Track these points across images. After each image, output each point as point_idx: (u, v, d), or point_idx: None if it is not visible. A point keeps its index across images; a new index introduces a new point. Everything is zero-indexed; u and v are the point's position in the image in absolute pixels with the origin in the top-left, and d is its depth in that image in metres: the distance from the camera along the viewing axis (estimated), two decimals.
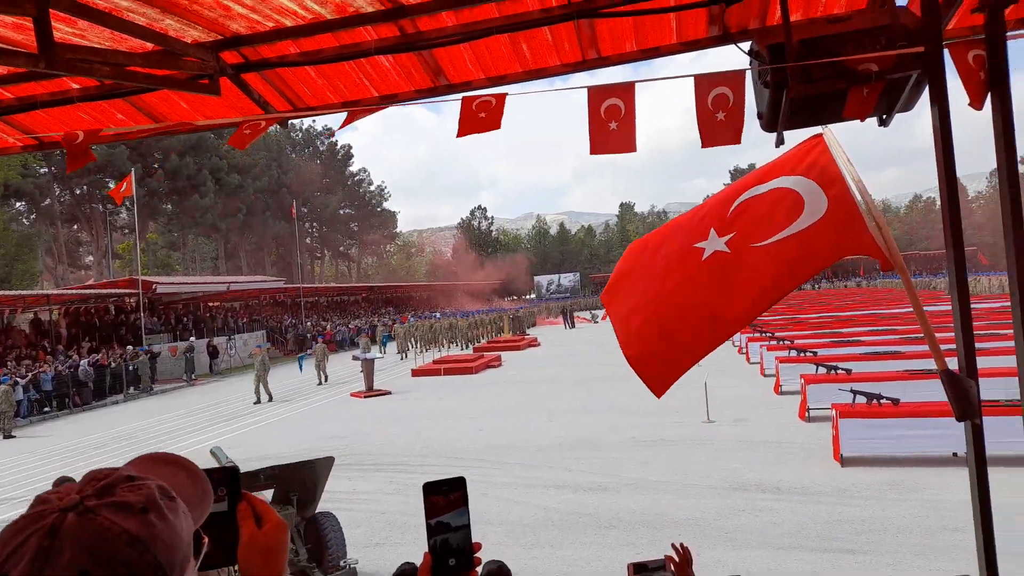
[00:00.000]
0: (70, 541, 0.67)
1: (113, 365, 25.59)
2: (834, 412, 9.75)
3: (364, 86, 3.28)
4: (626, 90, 2.84)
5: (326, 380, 24.17)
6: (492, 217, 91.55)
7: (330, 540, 6.44)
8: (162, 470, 0.82)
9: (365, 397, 19.72)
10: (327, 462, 6.58)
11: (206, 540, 0.85)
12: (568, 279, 76.12)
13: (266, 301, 47.16)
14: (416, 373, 24.18)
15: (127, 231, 57.80)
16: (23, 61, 2.11)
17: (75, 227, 57.75)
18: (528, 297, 74.45)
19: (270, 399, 20.49)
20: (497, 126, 2.91)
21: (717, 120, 2.78)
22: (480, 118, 2.89)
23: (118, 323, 31.90)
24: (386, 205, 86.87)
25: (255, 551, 1.01)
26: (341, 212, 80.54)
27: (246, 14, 2.64)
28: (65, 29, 2.47)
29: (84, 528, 0.68)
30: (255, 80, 3.12)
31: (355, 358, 24.94)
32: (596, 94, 2.85)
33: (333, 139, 78.46)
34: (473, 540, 1.11)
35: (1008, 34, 2.48)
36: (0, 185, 44.02)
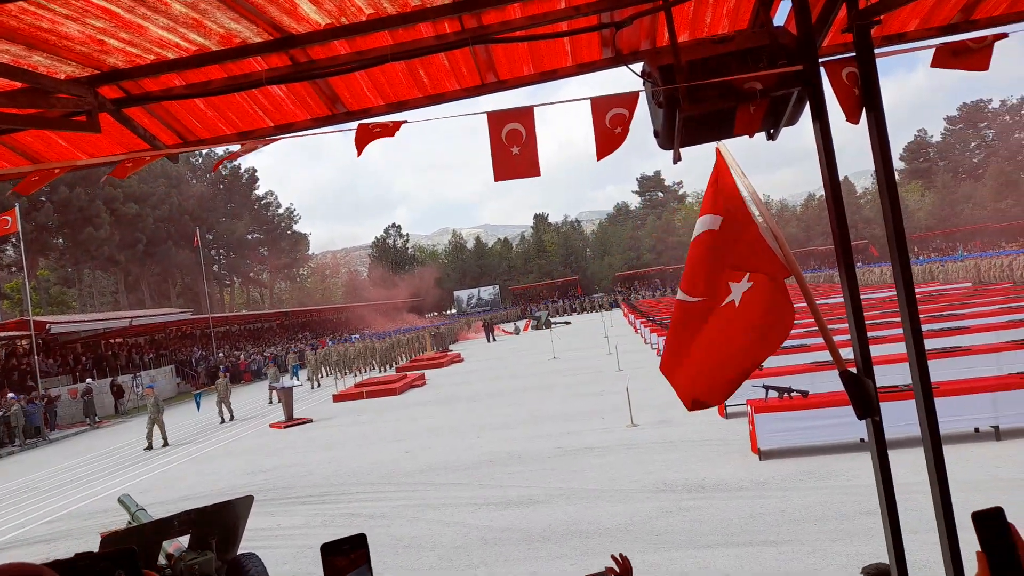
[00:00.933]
0: None
1: (2, 413, 23.74)
2: (749, 408, 10.13)
3: (258, 116, 3.17)
4: (525, 114, 2.86)
5: (231, 418, 22.54)
6: (407, 234, 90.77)
7: None
8: None
9: (285, 427, 19.06)
10: (246, 501, 6.30)
11: None
12: (488, 292, 76.25)
13: (173, 334, 44.97)
14: (337, 398, 23.58)
15: (15, 269, 54.00)
16: None
17: None
18: (449, 312, 74.13)
19: (164, 443, 18.83)
20: (391, 134, 2.89)
21: (615, 134, 2.84)
22: (375, 131, 2.86)
23: (10, 368, 29.66)
24: (296, 227, 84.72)
25: None
26: (249, 237, 77.96)
27: (123, 48, 2.50)
28: None
29: None
30: (139, 114, 2.96)
31: (272, 387, 24.08)
32: (496, 119, 2.86)
33: (235, 163, 75.88)
34: None
35: (877, 51, 2.64)
36: None
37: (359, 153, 2.89)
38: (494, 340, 44.15)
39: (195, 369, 38.51)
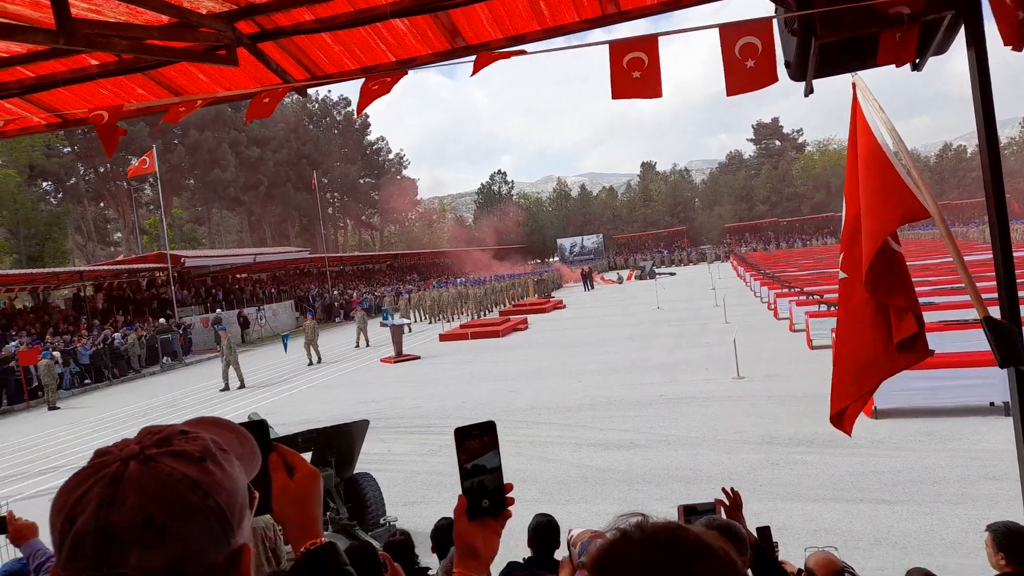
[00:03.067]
0: (133, 488, 0.69)
1: (147, 337, 26.19)
2: None
3: (381, 51, 3.23)
4: (649, 43, 2.77)
5: (319, 360, 22.25)
6: (512, 181, 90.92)
7: (369, 499, 6.61)
8: (211, 431, 0.83)
9: (395, 362, 19.96)
10: (362, 425, 6.72)
11: (256, 494, 0.88)
12: (591, 241, 75.62)
13: (292, 271, 47.66)
14: (444, 338, 24.38)
15: (152, 207, 58.48)
16: (42, 38, 2.11)
17: (102, 205, 58.58)
18: (552, 260, 74.21)
19: (241, 385, 18.73)
20: (508, 56, 2.90)
21: (747, 68, 2.69)
22: (494, 54, 2.88)
23: (150, 297, 32.53)
24: (405, 173, 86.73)
25: (287, 500, 1.04)
26: (361, 182, 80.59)
27: None
28: (81, 5, 2.46)
29: (146, 475, 0.70)
30: (272, 49, 3.09)
31: (383, 324, 25.13)
32: (617, 49, 2.79)
33: (349, 109, 78.07)
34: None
35: None
36: (26, 167, 44.62)
37: (474, 72, 2.91)
38: (592, 288, 43.94)
39: (312, 304, 40.76)
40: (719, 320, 20.83)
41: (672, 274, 50.23)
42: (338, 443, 6.49)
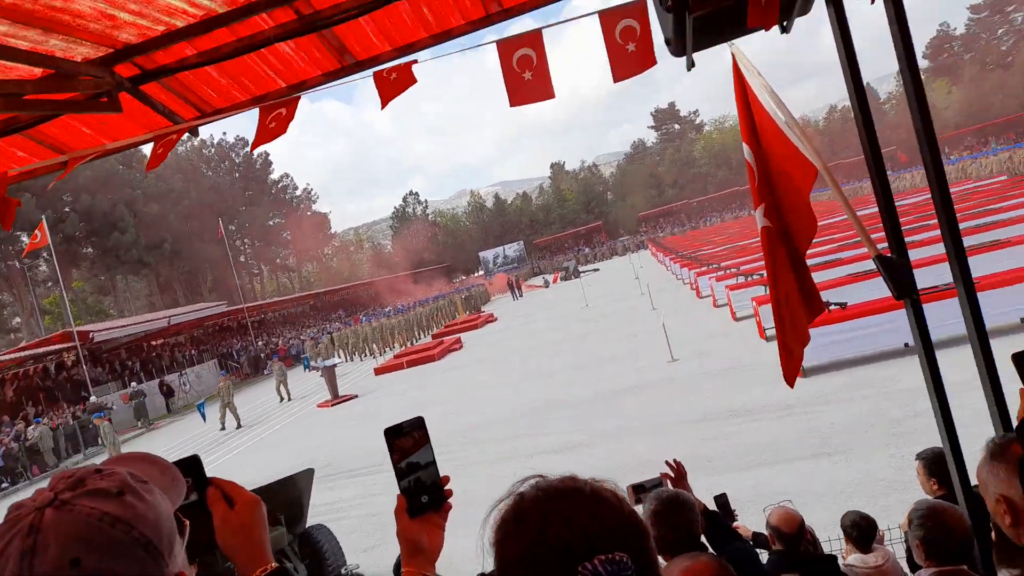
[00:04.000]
0: (52, 534, 0.68)
1: (62, 426, 24.63)
2: None
3: (270, 78, 3.19)
4: (534, 38, 2.84)
5: (289, 398, 23.51)
6: (425, 201, 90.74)
7: (326, 551, 6.41)
8: (129, 465, 0.83)
9: (332, 405, 19.51)
10: (307, 475, 6.51)
11: (187, 523, 0.86)
12: (512, 249, 76.17)
13: (211, 329, 45.91)
14: (379, 371, 24.01)
15: (50, 283, 55.27)
16: None
17: None
18: (477, 274, 74.30)
19: (237, 425, 19.98)
20: (412, 81, 2.91)
21: (628, 52, 2.81)
22: (392, 79, 2.87)
23: (64, 381, 30.65)
24: (315, 208, 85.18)
25: (231, 531, 1.03)
26: (271, 223, 78.61)
27: (133, 20, 2.53)
28: None
29: (64, 519, 0.70)
30: (156, 90, 3.00)
31: (313, 368, 24.55)
32: (505, 47, 2.86)
33: (247, 150, 76.09)
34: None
35: None
36: None
37: (384, 105, 2.90)
38: (520, 296, 44.27)
39: (237, 360, 39.36)
40: (646, 308, 21.35)
41: (596, 270, 51.19)
42: (284, 498, 6.24)
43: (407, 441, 1.12)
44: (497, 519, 0.86)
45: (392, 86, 2.79)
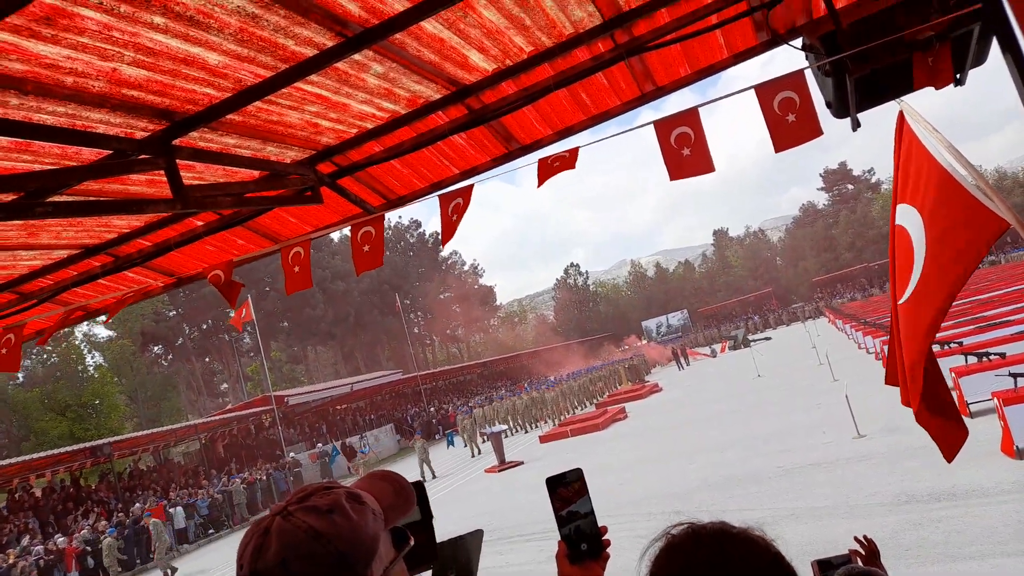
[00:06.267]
0: (275, 538, 0.86)
1: (263, 479, 27.02)
2: (997, 401, 8.97)
3: (444, 166, 3.53)
4: (690, 116, 2.92)
5: (433, 476, 22.76)
6: (586, 272, 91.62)
7: None
8: (375, 484, 1.02)
9: (499, 471, 19.80)
10: (477, 535, 6.64)
11: (411, 537, 1.01)
12: (676, 318, 74.40)
13: (388, 395, 48.71)
14: (544, 439, 24.10)
15: (253, 354, 61.74)
16: (163, 207, 2.46)
17: (207, 359, 62.33)
18: (640, 343, 73.17)
19: (432, 476, 21.94)
20: (572, 166, 3.05)
21: (788, 123, 2.79)
22: (555, 166, 3.04)
23: (263, 441, 33.81)
24: (482, 281, 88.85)
25: None
26: (441, 297, 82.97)
27: (332, 127, 2.94)
28: (187, 174, 2.84)
29: (285, 528, 0.86)
30: (349, 183, 3.42)
31: (482, 433, 25.09)
32: (663, 126, 2.95)
33: (420, 230, 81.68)
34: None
35: None
36: (138, 334, 48.39)
37: (540, 184, 3.09)
38: (687, 365, 42.86)
39: (411, 425, 41.27)
40: (826, 379, 19.84)
41: (767, 339, 48.52)
42: (455, 556, 6.44)
43: (568, 491, 1.20)
44: (651, 555, 0.91)
45: (553, 170, 2.96)
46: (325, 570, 0.85)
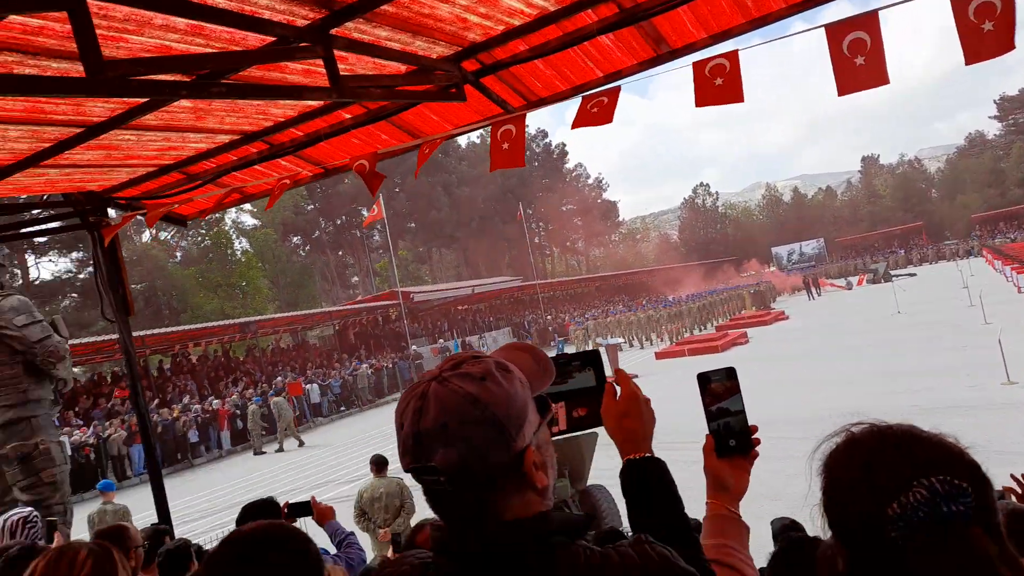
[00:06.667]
0: (434, 402, 0.92)
1: (388, 367, 28.93)
2: None
3: (589, 69, 3.41)
4: (869, 20, 2.64)
5: None
6: (716, 193, 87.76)
7: (604, 510, 6.74)
8: (515, 354, 1.05)
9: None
10: (591, 438, 6.90)
11: (557, 407, 1.06)
12: (810, 247, 70.28)
13: (507, 300, 49.97)
14: (660, 356, 24.05)
15: (381, 251, 64.73)
16: (321, 95, 2.56)
17: (340, 252, 66.04)
18: (769, 270, 70.12)
19: None
20: (739, 97, 2.80)
21: (984, 32, 2.46)
22: (716, 86, 2.81)
23: (388, 332, 35.94)
24: (606, 195, 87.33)
25: (609, 416, 1.22)
26: (564, 209, 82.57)
27: (480, 22, 2.90)
28: (340, 66, 2.92)
29: (441, 392, 0.92)
30: (492, 82, 3.40)
31: (597, 344, 25.39)
32: (835, 32, 2.69)
33: (546, 140, 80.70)
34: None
35: None
36: (280, 225, 51.81)
37: (698, 103, 2.88)
38: (818, 296, 40.82)
39: (527, 330, 42.35)
40: (976, 321, 18.32)
41: (911, 275, 45.14)
42: (569, 455, 6.70)
43: (719, 387, 1.22)
44: (825, 450, 0.90)
45: (714, 92, 2.75)
46: (481, 433, 0.90)
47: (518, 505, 0.95)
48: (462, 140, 65.88)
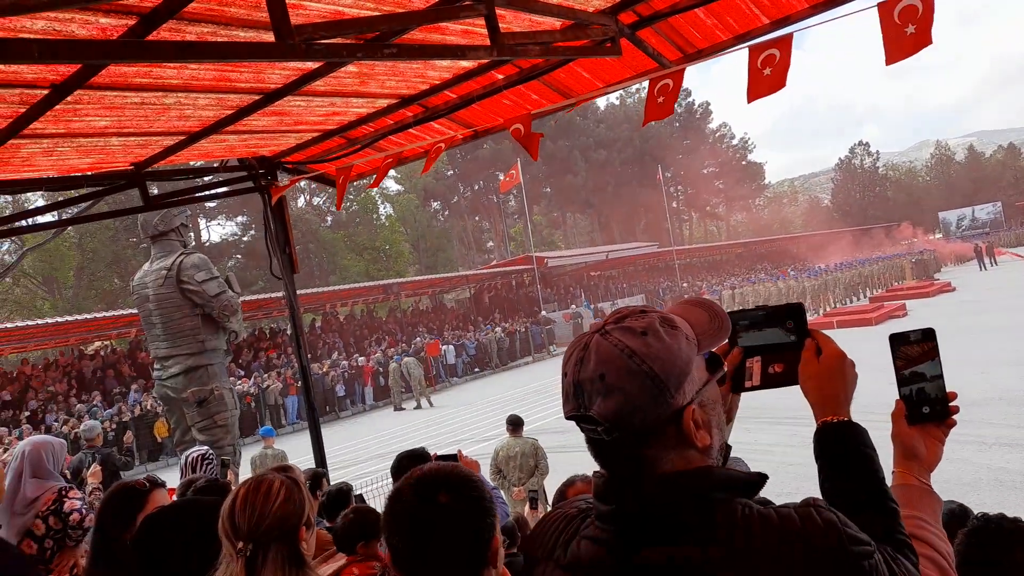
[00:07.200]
0: (594, 352, 0.93)
1: (521, 331, 29.45)
2: None
3: (754, 15, 3.20)
4: None
5: None
6: (877, 152, 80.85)
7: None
8: (690, 309, 1.04)
9: None
10: (735, 401, 6.67)
11: (753, 362, 1.12)
12: (985, 211, 63.31)
13: (641, 267, 49.15)
14: None
15: (516, 216, 65.53)
16: (482, 53, 2.58)
17: (477, 218, 67.57)
18: (935, 237, 64.06)
19: None
20: (928, 39, 2.47)
21: None
22: (907, 34, 2.47)
23: (522, 297, 36.55)
24: (751, 157, 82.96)
25: (807, 376, 1.14)
26: (705, 172, 79.43)
27: None
28: (502, 24, 2.92)
29: (602, 344, 0.93)
30: (648, 35, 3.28)
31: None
32: None
33: (690, 99, 77.57)
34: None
35: None
36: (421, 191, 53.71)
37: (889, 60, 2.52)
38: (993, 266, 36.86)
39: (662, 298, 41.52)
40: None
41: None
42: None
43: (914, 350, 1.12)
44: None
45: (904, 41, 2.42)
46: (637, 385, 0.90)
47: (677, 460, 0.94)
48: (600, 102, 64.76)
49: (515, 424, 7.03)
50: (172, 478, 3.58)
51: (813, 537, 0.88)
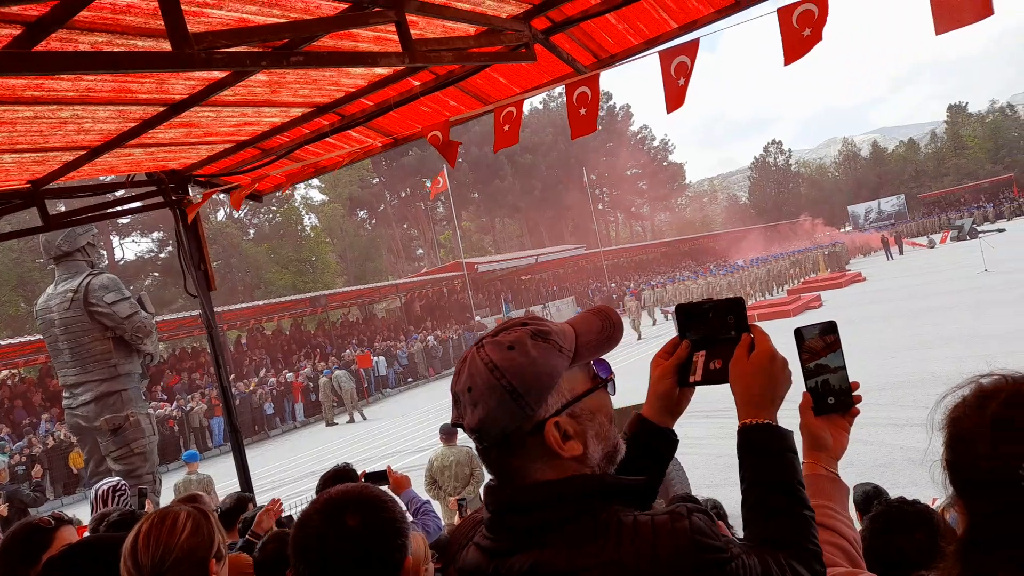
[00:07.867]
0: (468, 366, 0.97)
1: (454, 338, 29.32)
2: None
3: (662, 20, 3.28)
4: None
5: (639, 337, 24.49)
6: (789, 150, 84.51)
7: (673, 479, 6.67)
8: (587, 318, 1.06)
9: None
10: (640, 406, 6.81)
11: (697, 356, 1.14)
12: (890, 204, 67.02)
13: (570, 269, 49.77)
14: None
15: (445, 222, 65.29)
16: (394, 60, 2.54)
17: (405, 225, 66.96)
18: (845, 230, 67.32)
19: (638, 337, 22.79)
20: (820, 37, 2.61)
21: None
22: (804, 36, 2.61)
23: (452, 304, 36.40)
24: (672, 158, 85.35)
25: (737, 373, 1.13)
26: (628, 173, 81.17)
27: None
28: (413, 30, 2.89)
29: (474, 357, 0.97)
30: (562, 40, 3.31)
31: (664, 311, 25.08)
32: None
33: (610, 102, 79.10)
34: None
35: None
36: (346, 199, 52.81)
37: (787, 61, 2.65)
38: (899, 255, 39.07)
39: (591, 299, 42.13)
40: None
41: (1000, 231, 42.60)
42: (623, 424, 6.64)
43: (818, 343, 1.14)
44: (951, 402, 0.85)
45: (800, 42, 2.55)
46: (496, 399, 0.93)
47: (547, 470, 0.96)
48: (525, 107, 65.20)
49: (448, 433, 6.97)
50: (87, 513, 3.38)
51: (661, 547, 0.87)
